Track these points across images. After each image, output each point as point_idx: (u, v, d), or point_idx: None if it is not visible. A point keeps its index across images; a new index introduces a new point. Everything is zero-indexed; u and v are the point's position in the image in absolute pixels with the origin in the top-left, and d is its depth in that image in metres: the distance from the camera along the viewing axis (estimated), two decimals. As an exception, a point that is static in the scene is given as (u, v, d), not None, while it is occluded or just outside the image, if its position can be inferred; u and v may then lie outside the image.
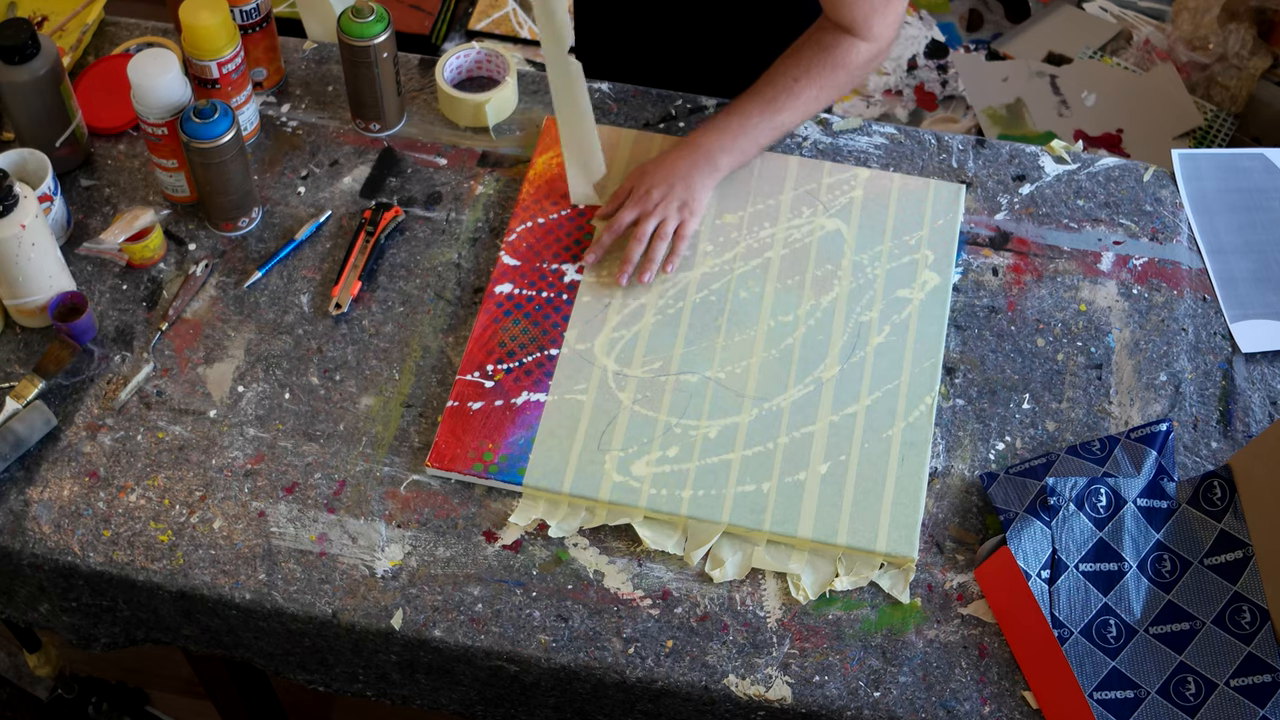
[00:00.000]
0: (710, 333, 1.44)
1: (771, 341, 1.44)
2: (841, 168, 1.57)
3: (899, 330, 1.44)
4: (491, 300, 1.46)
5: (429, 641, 1.28)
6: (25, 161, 1.45)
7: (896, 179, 1.56)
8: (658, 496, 1.33)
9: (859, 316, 1.45)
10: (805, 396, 1.40)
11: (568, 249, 1.50)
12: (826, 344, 1.43)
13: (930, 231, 1.52)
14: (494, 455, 1.35)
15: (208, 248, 1.52)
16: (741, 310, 1.46)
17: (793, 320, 1.45)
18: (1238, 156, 1.65)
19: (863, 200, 1.54)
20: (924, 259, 1.50)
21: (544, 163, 1.57)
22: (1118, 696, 1.25)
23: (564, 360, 1.42)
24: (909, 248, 1.51)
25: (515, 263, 1.49)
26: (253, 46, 1.58)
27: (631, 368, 1.42)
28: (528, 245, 1.50)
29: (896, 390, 1.40)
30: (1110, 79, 2.71)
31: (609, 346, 1.43)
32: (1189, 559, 1.31)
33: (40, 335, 1.45)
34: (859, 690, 1.26)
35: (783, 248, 1.50)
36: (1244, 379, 1.46)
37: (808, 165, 1.57)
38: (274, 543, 1.32)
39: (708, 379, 1.41)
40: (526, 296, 1.46)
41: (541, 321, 1.45)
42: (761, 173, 1.56)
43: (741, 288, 1.47)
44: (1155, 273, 1.53)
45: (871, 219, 1.53)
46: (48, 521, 1.33)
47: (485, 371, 1.41)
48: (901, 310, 1.46)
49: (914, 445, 1.37)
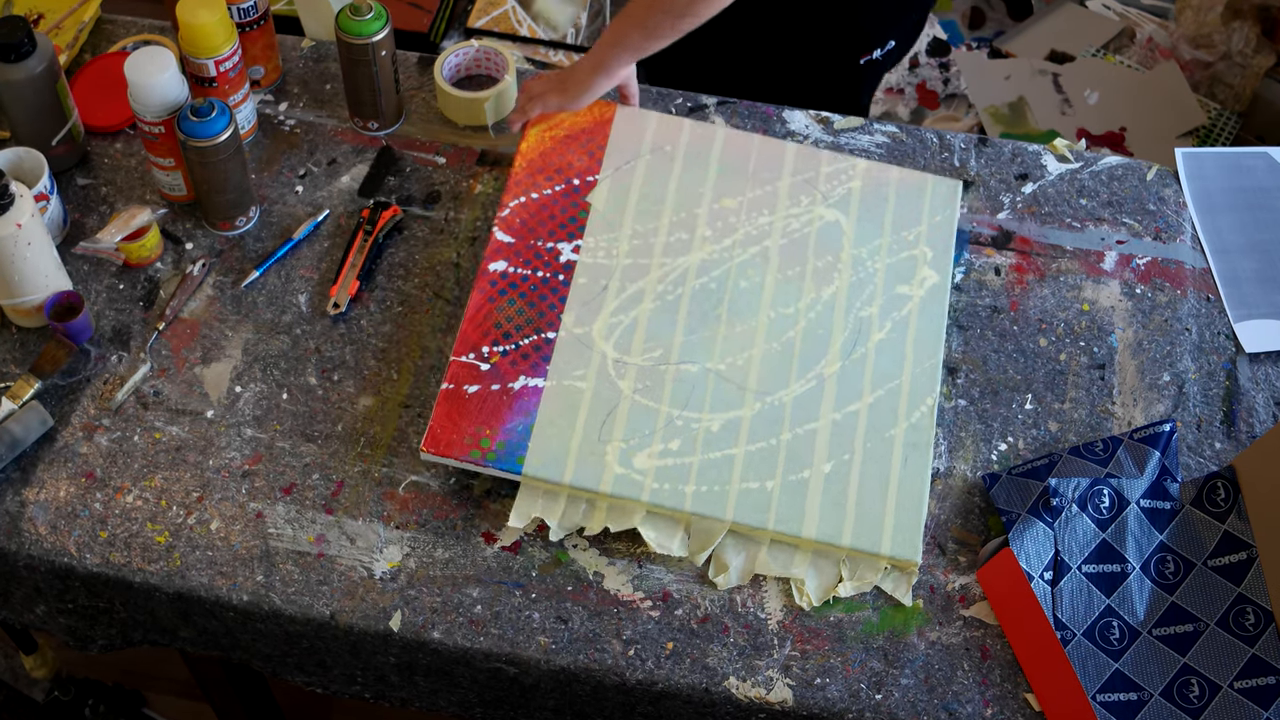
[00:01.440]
0: (710, 322, 1.43)
1: (772, 334, 1.42)
2: (839, 157, 1.56)
3: (899, 328, 1.44)
4: (485, 278, 1.44)
5: (428, 643, 1.28)
6: (21, 160, 1.45)
7: (894, 171, 1.55)
8: (660, 491, 1.32)
9: (859, 312, 1.45)
10: (807, 392, 1.39)
11: (563, 226, 1.48)
12: (828, 339, 1.42)
13: (929, 228, 1.51)
14: (491, 442, 1.34)
15: (205, 247, 1.52)
16: (741, 300, 1.44)
17: (793, 313, 1.44)
18: (1242, 155, 1.65)
19: (861, 191, 1.53)
20: (923, 255, 1.49)
21: (536, 135, 1.55)
22: (1121, 699, 1.25)
23: (562, 345, 1.40)
24: (908, 243, 1.50)
25: (509, 239, 1.47)
26: (250, 44, 1.58)
27: (631, 355, 1.40)
28: (521, 221, 1.48)
29: (898, 389, 1.39)
30: (1113, 77, 2.71)
31: (608, 331, 1.41)
32: (1192, 560, 1.30)
33: (36, 335, 1.45)
34: (860, 693, 1.26)
35: (781, 237, 1.49)
36: (1248, 379, 1.45)
37: (804, 153, 1.56)
38: (272, 544, 1.32)
39: (708, 370, 1.40)
40: (521, 276, 1.44)
41: (538, 303, 1.43)
42: (759, 157, 1.55)
43: (741, 277, 1.46)
44: (1158, 272, 1.52)
45: (870, 211, 1.52)
46: (44, 522, 1.33)
47: (481, 354, 1.39)
48: (901, 307, 1.45)
49: (916, 447, 1.36)
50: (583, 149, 1.54)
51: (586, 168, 1.53)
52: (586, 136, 1.55)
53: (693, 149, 1.55)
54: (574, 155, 1.54)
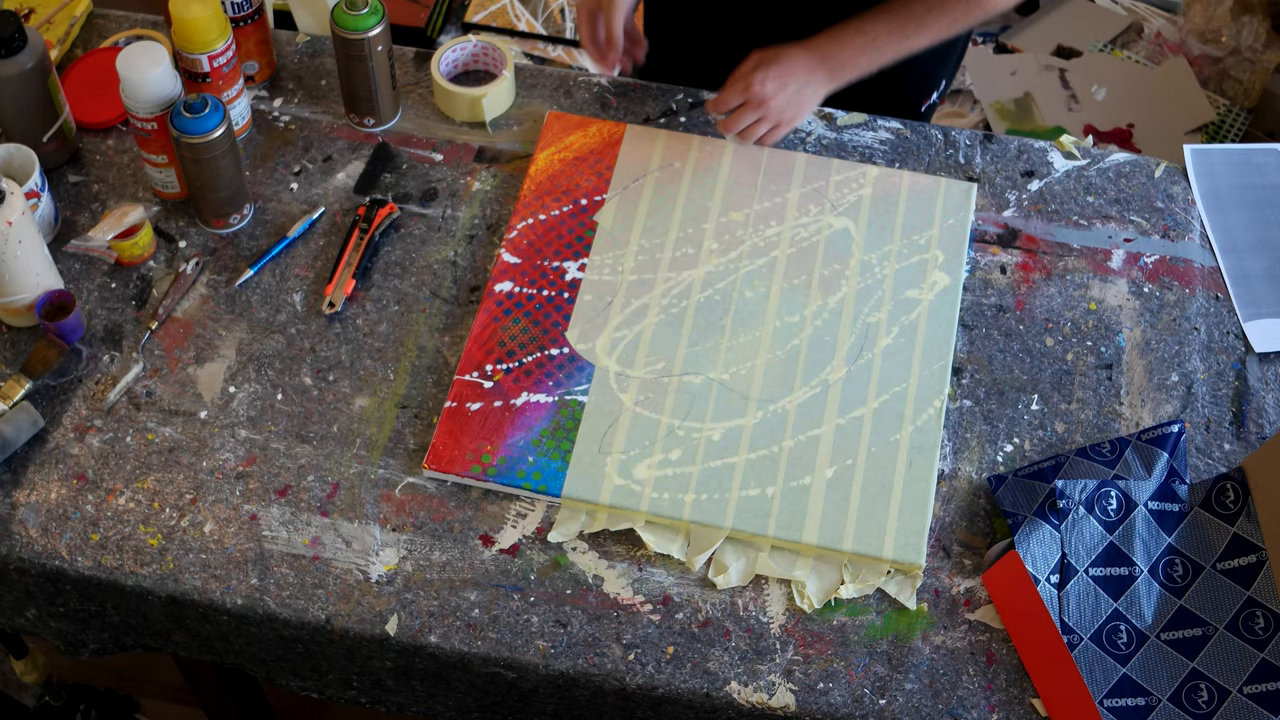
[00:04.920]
0: (715, 333, 1.43)
1: (777, 342, 1.42)
2: (850, 165, 1.56)
3: (907, 332, 1.43)
4: (491, 299, 1.44)
5: (424, 648, 1.27)
6: (12, 157, 1.44)
7: (906, 177, 1.55)
8: (659, 501, 1.31)
9: (867, 318, 1.44)
10: (811, 399, 1.38)
11: (569, 245, 1.48)
12: (834, 345, 1.42)
13: (940, 231, 1.50)
14: (492, 457, 1.34)
15: (198, 245, 1.51)
16: (747, 310, 1.44)
17: (799, 321, 1.44)
18: (1251, 152, 1.64)
19: (871, 198, 1.53)
20: (934, 259, 1.48)
21: (546, 159, 1.55)
22: (1128, 704, 1.24)
23: (564, 360, 1.40)
24: (918, 247, 1.49)
25: (515, 260, 1.47)
26: (244, 39, 1.58)
27: (634, 368, 1.40)
28: (528, 243, 1.49)
29: (904, 393, 1.39)
30: (1121, 73, 2.70)
31: (611, 346, 1.41)
32: (1201, 563, 1.30)
33: (27, 335, 1.44)
34: (864, 698, 1.25)
35: (789, 246, 1.49)
36: (1257, 379, 1.44)
37: (815, 163, 1.55)
38: (266, 547, 1.31)
39: (712, 380, 1.39)
40: (527, 295, 1.45)
41: (542, 320, 1.43)
42: (768, 169, 1.55)
43: (747, 287, 1.46)
44: (1167, 271, 1.51)
45: (880, 217, 1.51)
46: (35, 525, 1.32)
47: (484, 372, 1.39)
48: (910, 311, 1.44)
49: (922, 450, 1.35)
50: (591, 170, 1.55)
51: (595, 187, 1.53)
52: (595, 158, 1.56)
53: (701, 164, 1.55)
54: (582, 176, 1.54)
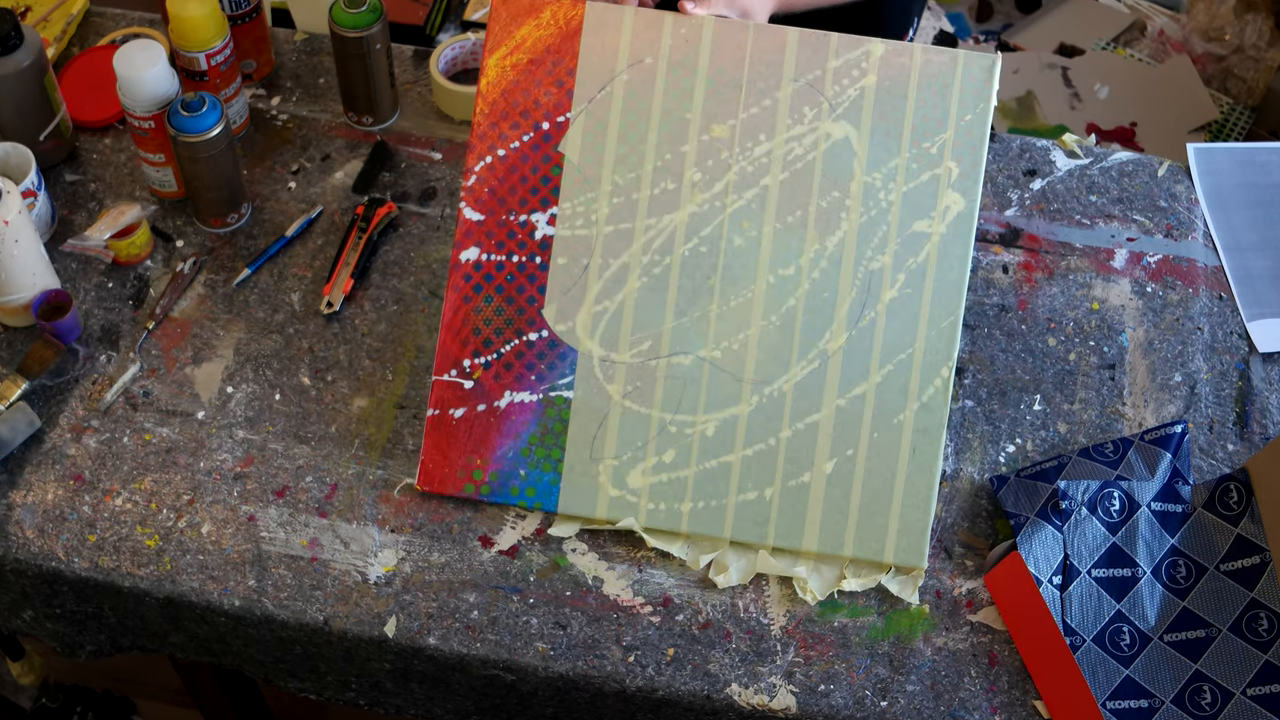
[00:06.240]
0: (703, 297, 1.32)
1: (771, 305, 1.32)
2: (851, 42, 1.32)
3: (914, 280, 1.31)
4: (458, 272, 1.32)
5: (423, 649, 1.27)
6: (8, 156, 1.44)
7: (918, 53, 1.32)
8: (656, 512, 1.30)
9: (869, 264, 1.32)
10: (809, 375, 1.31)
11: (534, 191, 1.33)
12: (833, 304, 1.32)
13: (955, 133, 1.33)
14: (484, 473, 1.31)
15: (196, 244, 1.50)
16: (736, 263, 1.33)
17: (794, 273, 1.32)
18: (1255, 151, 1.64)
19: (876, 90, 1.34)
20: (947, 174, 1.32)
21: (496, 66, 1.33)
22: (1131, 706, 1.24)
23: (544, 348, 1.33)
24: (930, 159, 1.32)
25: (478, 216, 1.33)
26: (242, 37, 1.57)
27: (619, 351, 1.33)
28: (489, 190, 1.35)
29: (910, 361, 1.31)
30: (1123, 71, 2.70)
31: (592, 325, 1.33)
32: (1204, 564, 1.29)
33: (23, 334, 1.44)
34: (865, 700, 1.24)
35: (782, 170, 1.33)
36: (1261, 379, 1.44)
37: (810, 41, 1.32)
38: (264, 548, 1.30)
39: (702, 360, 1.32)
40: (496, 263, 1.33)
41: (516, 296, 1.33)
42: (754, 54, 1.32)
43: (735, 232, 1.33)
44: (1170, 270, 1.51)
45: (886, 119, 1.33)
46: (31, 526, 1.31)
47: (462, 368, 1.33)
48: (919, 251, 1.32)
49: (926, 432, 1.30)
50: (549, 77, 1.35)
51: (556, 103, 1.35)
52: (553, 58, 1.34)
53: (677, 55, 1.35)
54: (540, 89, 1.34)
